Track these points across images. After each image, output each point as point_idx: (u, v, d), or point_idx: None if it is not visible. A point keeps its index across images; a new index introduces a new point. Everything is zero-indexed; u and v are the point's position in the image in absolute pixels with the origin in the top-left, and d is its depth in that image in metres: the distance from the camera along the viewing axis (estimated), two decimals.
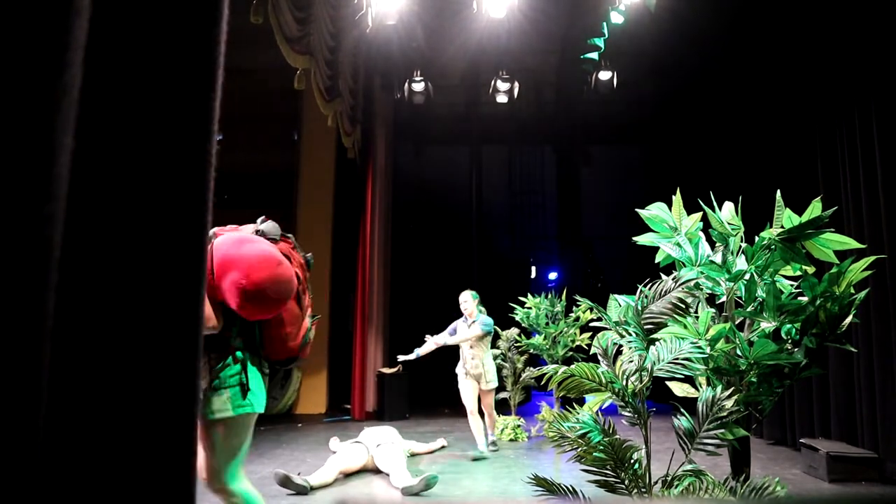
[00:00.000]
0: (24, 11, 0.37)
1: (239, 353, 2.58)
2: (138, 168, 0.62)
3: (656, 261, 3.00)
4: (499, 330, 7.69)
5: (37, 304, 0.40)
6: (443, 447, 6.42)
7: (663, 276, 2.63)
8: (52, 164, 0.40)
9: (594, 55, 8.69)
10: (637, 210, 2.94)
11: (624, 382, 2.56)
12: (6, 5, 0.36)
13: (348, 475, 5.07)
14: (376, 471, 5.14)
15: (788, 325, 2.69)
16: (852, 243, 2.58)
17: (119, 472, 0.58)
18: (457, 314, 6.43)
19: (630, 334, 2.58)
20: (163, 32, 0.66)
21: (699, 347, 2.56)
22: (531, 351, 7.41)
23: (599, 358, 2.68)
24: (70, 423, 0.53)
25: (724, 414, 2.46)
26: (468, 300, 6.28)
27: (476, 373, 6.10)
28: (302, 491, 4.48)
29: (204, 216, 0.72)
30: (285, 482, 4.46)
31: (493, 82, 9.19)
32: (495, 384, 6.24)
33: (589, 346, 6.97)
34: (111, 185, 0.61)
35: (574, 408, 2.69)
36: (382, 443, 5.19)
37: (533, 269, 14.55)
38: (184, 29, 0.69)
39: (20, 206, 0.38)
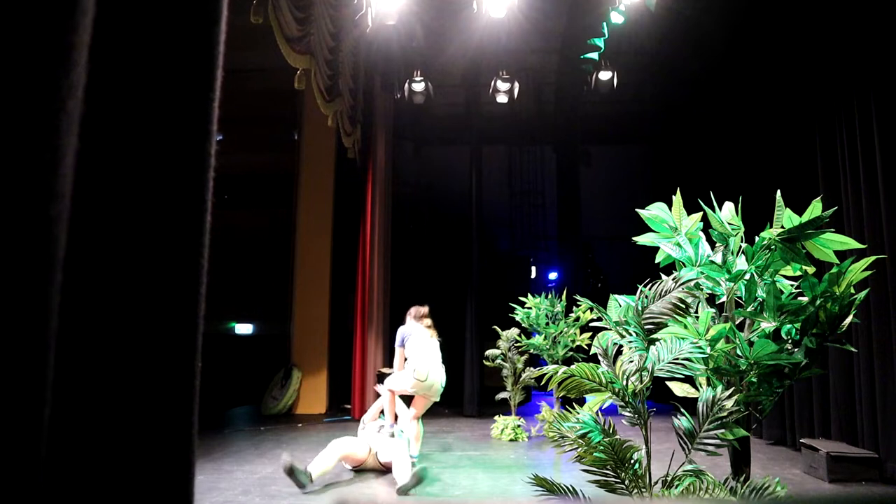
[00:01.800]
0: (31, 11, 0.37)
1: None
2: (139, 168, 0.62)
3: (656, 261, 3.00)
4: (499, 330, 7.70)
5: (42, 303, 0.40)
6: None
7: (663, 277, 2.63)
8: (57, 163, 0.40)
9: (594, 55, 8.69)
10: (637, 210, 2.94)
11: (624, 382, 2.56)
12: (15, 7, 0.36)
13: (355, 469, 5.10)
14: (377, 467, 5.15)
15: (788, 325, 2.69)
16: (852, 243, 2.58)
17: (120, 471, 0.58)
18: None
19: (630, 334, 2.58)
20: (163, 32, 0.66)
21: (699, 347, 2.56)
22: (531, 351, 7.41)
23: (600, 358, 2.68)
24: (72, 422, 0.54)
25: (725, 414, 2.46)
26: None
27: None
28: (301, 485, 4.49)
29: (203, 216, 0.72)
30: (290, 472, 4.47)
31: (493, 82, 9.19)
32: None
33: (589, 346, 6.93)
34: (112, 185, 0.61)
35: (574, 408, 2.69)
36: (383, 437, 5.22)
37: (533, 269, 14.57)
38: (183, 29, 0.69)
39: (26, 206, 0.38)
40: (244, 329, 14.78)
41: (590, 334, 7.01)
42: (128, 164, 0.61)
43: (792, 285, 2.77)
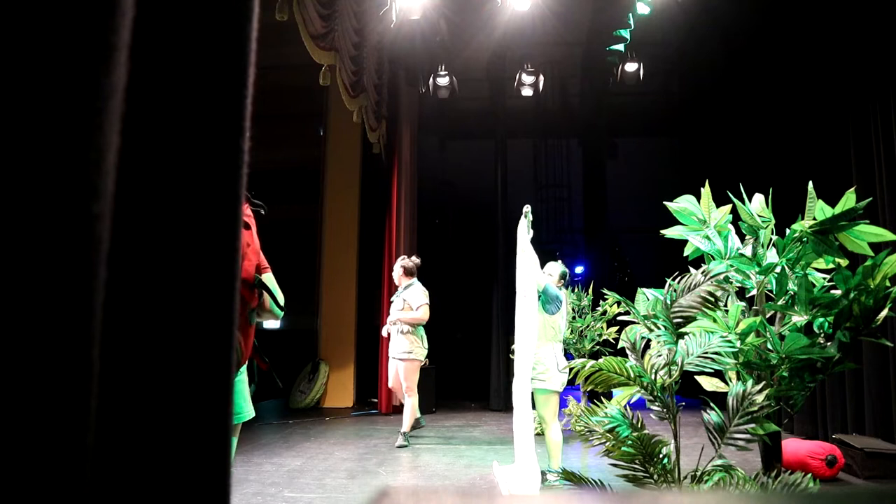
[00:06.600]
0: (76, 14, 0.39)
1: None
2: (177, 166, 0.63)
3: (685, 254, 2.96)
4: None
5: (87, 298, 0.42)
6: None
7: (692, 270, 2.61)
8: (101, 162, 0.42)
9: (620, 47, 8.61)
10: (665, 203, 2.90)
11: (653, 377, 2.54)
12: (59, 12, 0.37)
13: None
14: None
15: (821, 319, 2.65)
16: (888, 235, 2.53)
17: (161, 461, 0.60)
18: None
19: (659, 328, 2.56)
20: (199, 31, 0.67)
21: (729, 341, 2.53)
22: None
23: (628, 352, 2.66)
24: (116, 413, 0.55)
25: (755, 409, 2.43)
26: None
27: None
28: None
29: (237, 210, 0.73)
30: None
31: (517, 76, 9.15)
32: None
33: (616, 340, 6.89)
34: (152, 182, 0.62)
35: (601, 402, 2.68)
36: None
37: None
38: (218, 27, 0.70)
39: (72, 205, 0.40)
40: (272, 324, 14.95)
41: (617, 328, 6.97)
42: (167, 162, 0.63)
43: (824, 278, 2.72)
